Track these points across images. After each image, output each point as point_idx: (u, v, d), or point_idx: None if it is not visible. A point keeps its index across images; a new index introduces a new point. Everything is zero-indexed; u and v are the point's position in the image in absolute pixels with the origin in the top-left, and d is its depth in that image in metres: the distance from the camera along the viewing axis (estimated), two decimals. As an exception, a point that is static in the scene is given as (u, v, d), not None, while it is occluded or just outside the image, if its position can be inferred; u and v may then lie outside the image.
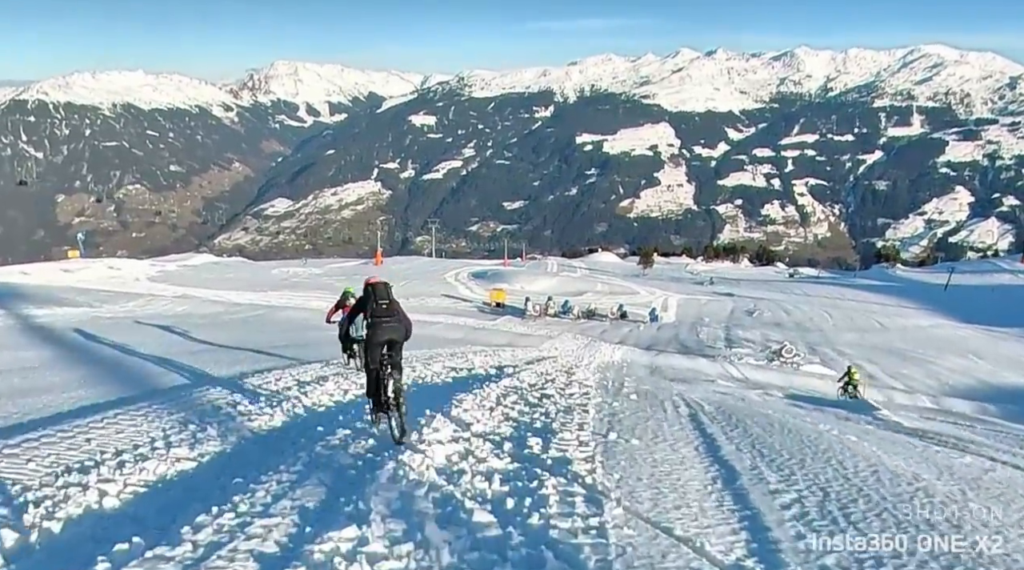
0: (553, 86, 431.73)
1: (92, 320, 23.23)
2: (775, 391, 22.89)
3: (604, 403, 11.55)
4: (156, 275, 59.91)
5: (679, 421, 10.68)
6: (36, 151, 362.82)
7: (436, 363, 16.48)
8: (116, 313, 28.26)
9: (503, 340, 33.21)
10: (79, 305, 29.61)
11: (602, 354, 30.91)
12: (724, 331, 43.71)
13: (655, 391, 15.05)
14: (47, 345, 17.44)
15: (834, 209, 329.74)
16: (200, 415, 8.97)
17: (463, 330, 36.26)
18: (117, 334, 19.26)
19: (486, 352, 22.52)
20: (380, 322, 8.08)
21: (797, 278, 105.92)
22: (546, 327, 42.81)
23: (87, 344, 17.65)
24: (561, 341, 35.28)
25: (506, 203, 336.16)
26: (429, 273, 72.05)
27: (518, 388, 12.57)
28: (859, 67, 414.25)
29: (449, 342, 27.21)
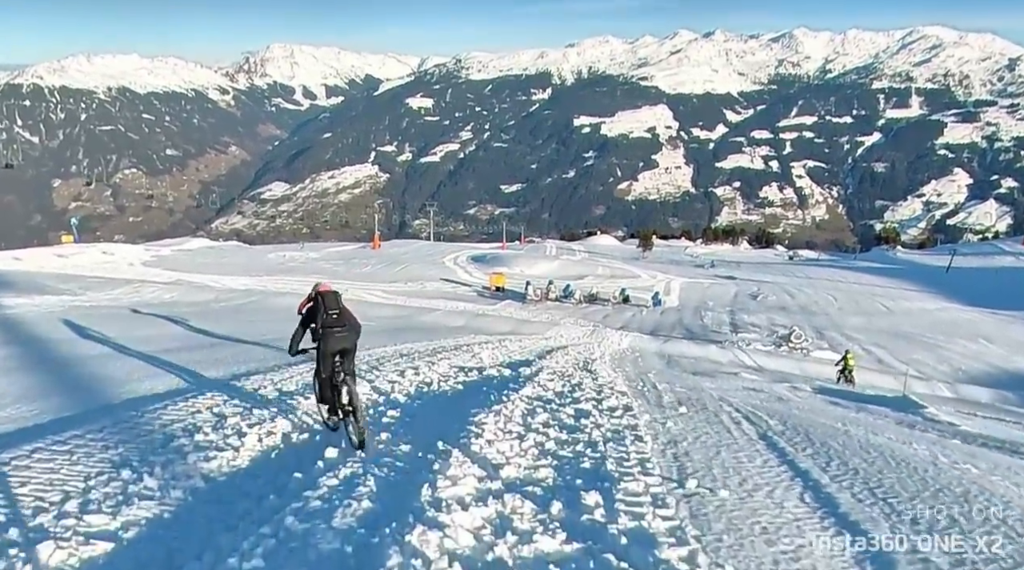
0: (551, 68, 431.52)
1: (69, 310, 21.41)
2: (800, 383, 22.25)
3: (655, 422, 9.85)
4: (150, 260, 58.71)
5: (753, 446, 8.85)
6: (32, 136, 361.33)
7: (441, 360, 15.18)
8: (99, 302, 26.66)
9: (506, 327, 32.55)
10: (60, 293, 27.83)
11: (609, 341, 30.16)
12: (729, 315, 43.06)
13: (693, 394, 13.81)
14: (2, 343, 14.78)
15: (832, 191, 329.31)
16: (144, 450, 6.93)
17: (464, 316, 35.70)
18: (92, 327, 17.43)
19: (492, 343, 21.56)
20: (332, 332, 7.94)
21: (797, 261, 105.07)
22: (547, 312, 42.29)
23: (50, 340, 15.31)
24: (565, 328, 34.65)
25: (504, 186, 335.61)
26: (427, 257, 70.76)
27: (544, 399, 10.78)
28: (858, 48, 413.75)
29: (451, 331, 26.57)
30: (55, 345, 14.65)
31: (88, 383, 10.64)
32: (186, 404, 8.91)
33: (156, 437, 7.44)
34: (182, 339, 16.79)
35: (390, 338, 19.68)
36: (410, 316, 33.17)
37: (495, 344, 21.45)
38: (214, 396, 9.52)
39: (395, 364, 13.75)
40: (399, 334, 21.93)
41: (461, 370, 14.04)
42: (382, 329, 24.21)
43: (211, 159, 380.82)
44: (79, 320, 18.54)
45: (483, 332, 27.85)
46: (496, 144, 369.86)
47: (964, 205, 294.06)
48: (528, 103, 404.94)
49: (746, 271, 74.31)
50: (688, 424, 9.96)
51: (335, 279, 49.80)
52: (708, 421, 10.40)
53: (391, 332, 22.81)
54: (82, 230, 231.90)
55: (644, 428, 9.22)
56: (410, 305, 38.85)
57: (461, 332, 26.27)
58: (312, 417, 8.73)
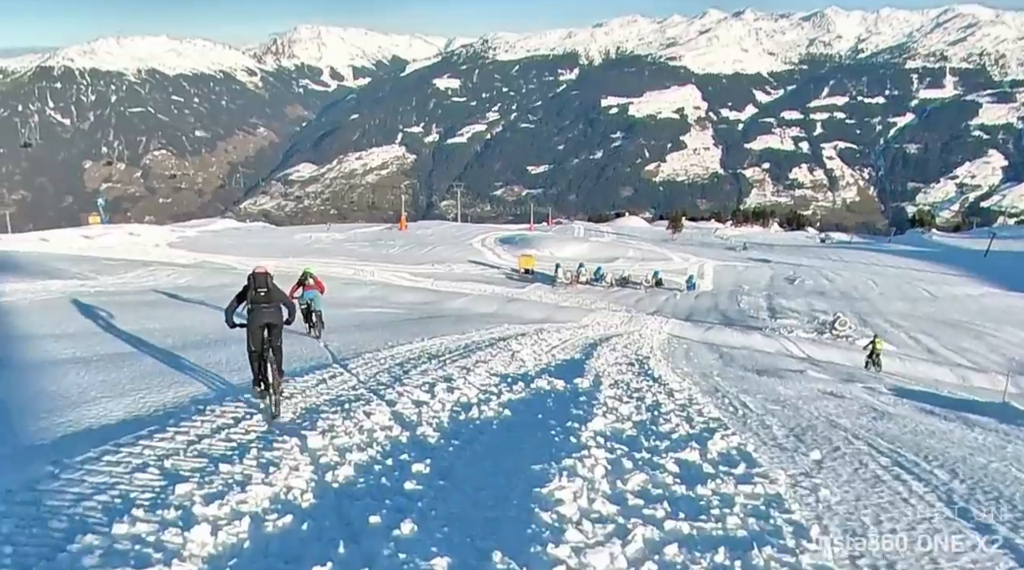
0: (578, 48, 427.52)
1: (66, 297, 19.54)
2: (871, 381, 20.25)
3: (797, 487, 6.84)
4: (176, 241, 59.02)
5: (953, 525, 6.13)
6: (63, 118, 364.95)
7: (477, 364, 13.35)
8: (106, 287, 24.60)
9: (539, 314, 31.66)
10: (69, 277, 26.06)
11: (649, 329, 29.10)
12: (766, 300, 41.86)
13: (791, 412, 11.75)
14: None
15: (863, 173, 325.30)
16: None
17: (494, 302, 34.54)
18: (81, 318, 15.90)
19: (528, 336, 20.23)
20: (258, 308, 8.94)
21: (829, 243, 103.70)
22: (578, 296, 41.37)
23: (19, 337, 13.06)
24: (601, 314, 33.43)
25: (530, 167, 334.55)
26: (455, 238, 69.44)
27: (625, 438, 8.19)
28: (891, 28, 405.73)
29: (482, 319, 25.58)
30: (20, 345, 12.28)
31: (24, 407, 8.15)
32: (130, 452, 6.59)
33: (57, 526, 4.94)
34: (178, 334, 14.42)
35: (418, 329, 18.99)
36: (438, 301, 32.29)
37: (532, 337, 20.20)
38: (178, 435, 7.29)
39: (422, 371, 12.05)
40: (427, 324, 21.13)
41: (503, 380, 11.85)
42: (409, 317, 23.51)
43: (239, 140, 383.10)
44: (71, 309, 17.16)
45: (515, 320, 27.07)
46: (523, 125, 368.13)
47: (999, 187, 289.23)
48: (555, 84, 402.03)
49: (779, 254, 73.07)
50: (845, 490, 7.05)
51: (361, 261, 49.09)
52: (864, 479, 7.54)
53: (418, 321, 22.10)
54: (112, 211, 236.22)
55: (795, 504, 6.20)
56: (438, 289, 37.88)
57: (492, 320, 25.34)
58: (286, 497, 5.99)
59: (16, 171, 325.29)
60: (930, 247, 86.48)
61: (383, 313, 23.69)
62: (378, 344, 15.08)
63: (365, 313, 22.93)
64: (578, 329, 25.81)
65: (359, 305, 25.81)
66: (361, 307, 25.08)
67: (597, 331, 26.41)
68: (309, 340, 15.11)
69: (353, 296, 29.76)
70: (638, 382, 13.25)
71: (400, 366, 12.61)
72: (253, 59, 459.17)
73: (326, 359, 12.96)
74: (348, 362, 12.60)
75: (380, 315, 22.88)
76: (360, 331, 17.74)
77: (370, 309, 24.57)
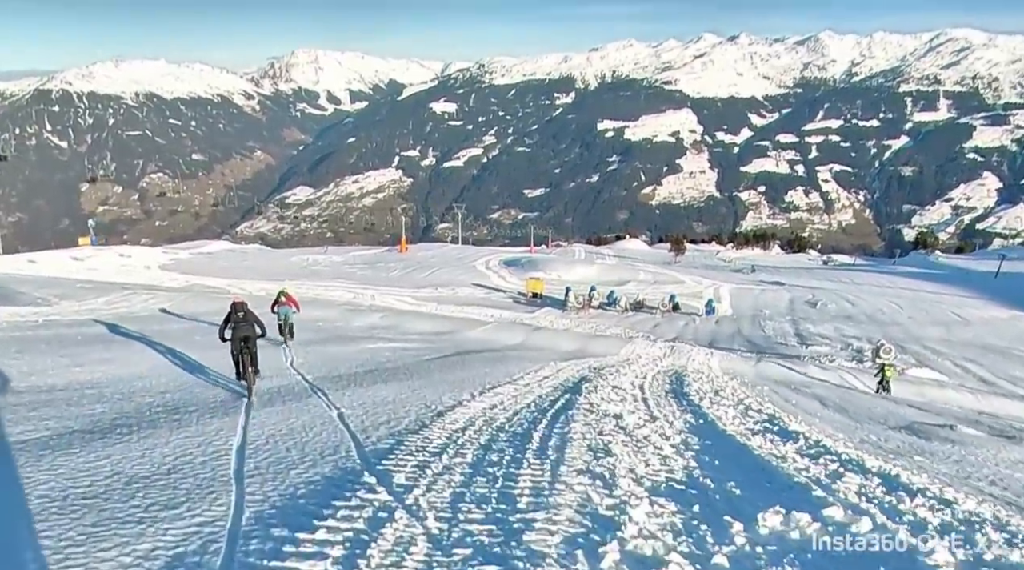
0: (574, 72, 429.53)
1: (10, 328, 17.47)
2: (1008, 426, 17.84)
3: None
4: (168, 263, 56.53)
5: None
6: (60, 141, 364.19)
7: (597, 459, 9.16)
8: (62, 315, 21.72)
9: (571, 344, 28.82)
10: (25, 303, 23.74)
11: (697, 362, 26.13)
12: (791, 325, 40.56)
13: None
14: None
15: (859, 195, 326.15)
16: None
17: (519, 331, 31.23)
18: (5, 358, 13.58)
19: (594, 380, 17.12)
20: (239, 325, 12.71)
21: (831, 265, 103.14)
22: (591, 321, 39.24)
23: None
24: (638, 344, 30.43)
25: (527, 190, 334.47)
26: (457, 261, 67.09)
27: None
28: (884, 51, 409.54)
29: (514, 354, 22.40)
30: None
31: None
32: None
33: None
34: (110, 395, 11.37)
35: (452, 376, 15.74)
36: (455, 331, 28.95)
37: (593, 384, 16.63)
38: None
39: (535, 501, 7.18)
40: (459, 367, 17.79)
41: (681, 506, 7.32)
42: (431, 354, 20.10)
43: (236, 164, 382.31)
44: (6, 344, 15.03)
45: (549, 351, 24.68)
46: (519, 148, 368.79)
47: (994, 209, 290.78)
48: (551, 107, 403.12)
49: (787, 276, 71.91)
50: None
51: (361, 284, 46.98)
52: None
53: (446, 362, 18.62)
54: (109, 234, 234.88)
55: None
56: (450, 315, 35.42)
57: (523, 358, 21.81)
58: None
59: (12, 193, 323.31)
60: (937, 269, 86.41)
61: (397, 349, 20.63)
62: (413, 409, 11.51)
63: (378, 350, 19.78)
64: (630, 367, 22.82)
65: (367, 337, 23.24)
66: (370, 340, 22.36)
67: (648, 365, 23.62)
68: (318, 428, 9.95)
69: (359, 325, 27.30)
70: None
71: (471, 475, 7.99)
72: (251, 83, 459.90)
73: (349, 457, 8.46)
74: (390, 472, 7.81)
75: (395, 352, 19.78)
76: (379, 382, 14.28)
77: (382, 343, 21.63)
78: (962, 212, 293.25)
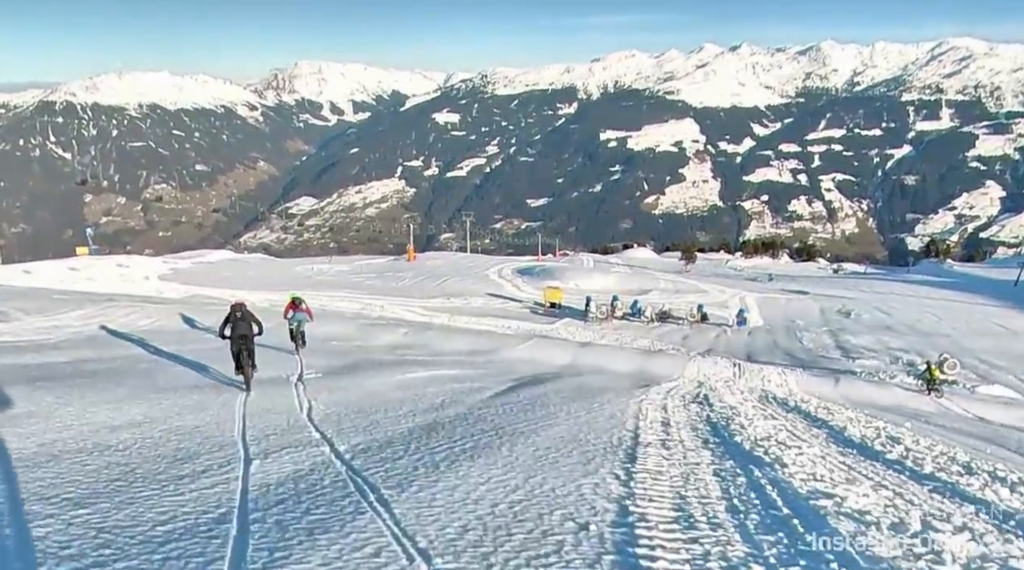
0: (576, 83, 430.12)
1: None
2: None
3: None
4: (167, 273, 55.67)
5: None
6: (64, 152, 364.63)
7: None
8: (17, 334, 19.87)
9: (628, 364, 25.93)
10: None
11: (773, 384, 23.31)
12: (830, 337, 38.14)
13: None
14: None
15: (862, 204, 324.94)
16: None
17: (564, 349, 27.81)
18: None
19: (717, 434, 12.86)
20: (237, 324, 14.11)
21: (842, 274, 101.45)
22: (615, 332, 37.01)
23: None
24: (705, 364, 26.78)
25: (530, 200, 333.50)
26: (468, 269, 64.77)
27: None
28: (886, 61, 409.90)
29: (587, 390, 17.47)
30: None
31: None
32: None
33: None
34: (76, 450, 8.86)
35: (534, 433, 11.50)
36: (492, 351, 25.61)
37: (741, 435, 12.74)
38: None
39: None
40: (536, 417, 13.00)
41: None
42: (486, 390, 16.00)
43: (240, 174, 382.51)
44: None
45: (610, 374, 22.02)
46: (522, 158, 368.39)
47: (997, 218, 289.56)
48: (554, 117, 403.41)
49: (805, 285, 69.13)
50: None
51: (369, 294, 45.69)
52: None
53: (514, 406, 14.05)
54: (112, 244, 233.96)
55: None
56: (472, 327, 33.59)
57: (590, 382, 19.17)
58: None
59: (16, 204, 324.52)
60: (952, 277, 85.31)
61: (441, 380, 17.01)
62: (568, 540, 6.58)
63: (417, 383, 16.09)
64: (720, 392, 19.98)
65: (397, 362, 20.03)
66: (402, 366, 19.06)
67: (724, 393, 20.04)
68: None
69: (381, 344, 24.54)
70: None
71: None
72: (254, 94, 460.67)
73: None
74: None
75: (443, 386, 15.98)
76: (455, 455, 9.57)
77: (420, 370, 18.28)
78: (965, 221, 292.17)
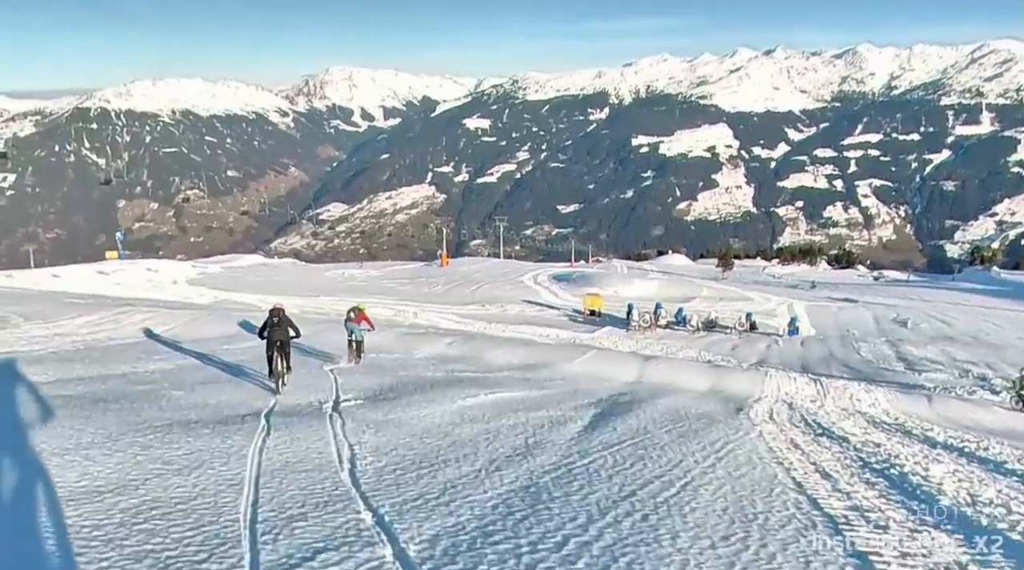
0: (608, 88, 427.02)
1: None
2: None
3: None
4: (196, 278, 55.27)
5: None
6: (98, 158, 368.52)
7: None
8: (8, 344, 18.57)
9: (702, 380, 22.07)
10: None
11: (862, 403, 20.20)
12: (889, 347, 35.70)
13: None
14: None
15: (899, 211, 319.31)
16: None
17: (628, 362, 24.14)
18: None
19: None
20: (273, 329, 14.35)
21: (883, 281, 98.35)
22: (659, 342, 34.47)
23: None
24: (783, 380, 22.90)
25: (560, 206, 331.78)
26: (503, 276, 63.33)
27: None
28: (925, 64, 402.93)
29: (692, 425, 14.69)
30: None
31: None
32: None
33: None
34: None
35: (634, 479, 10.11)
36: (549, 365, 22.53)
37: None
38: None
39: None
40: (622, 463, 11.03)
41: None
42: (572, 424, 13.77)
43: (271, 181, 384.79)
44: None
45: (688, 392, 19.57)
46: (553, 164, 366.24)
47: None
48: (585, 123, 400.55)
49: (851, 292, 66.46)
50: None
51: (401, 300, 44.48)
52: None
53: (617, 453, 11.65)
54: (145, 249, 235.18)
55: None
56: (521, 336, 31.69)
57: (685, 407, 16.77)
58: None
59: (51, 210, 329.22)
60: (1002, 285, 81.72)
61: (505, 404, 14.99)
62: None
63: (482, 415, 13.81)
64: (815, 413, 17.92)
65: (447, 381, 17.53)
66: (455, 387, 16.54)
67: (840, 420, 17.47)
68: None
69: (424, 357, 22.03)
70: None
71: None
72: (285, 100, 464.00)
73: None
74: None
75: (512, 412, 14.22)
76: (552, 520, 8.22)
77: (479, 393, 15.85)
78: (1007, 227, 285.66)
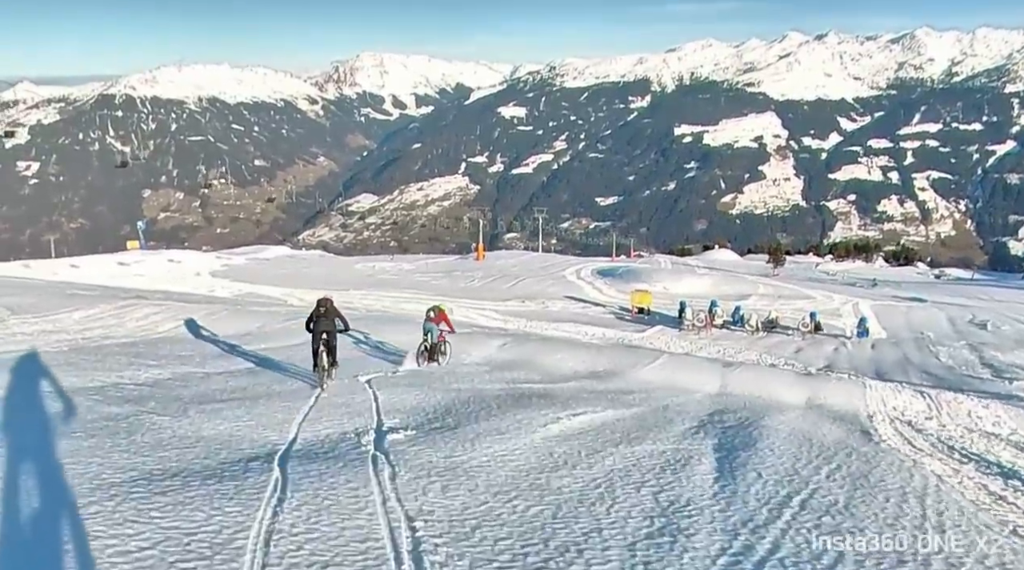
0: (650, 74, 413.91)
1: None
2: None
3: None
4: (220, 269, 54.76)
5: None
6: (123, 146, 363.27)
7: None
8: (4, 339, 16.62)
9: (797, 392, 19.26)
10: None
11: (988, 422, 16.66)
12: (971, 352, 32.13)
13: None
14: None
15: (959, 205, 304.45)
16: None
17: (709, 370, 21.44)
18: None
19: None
20: (319, 320, 14.06)
21: (944, 280, 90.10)
22: (715, 343, 31.57)
23: None
24: (889, 393, 19.62)
25: (599, 198, 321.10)
26: (542, 270, 60.33)
27: None
28: (988, 49, 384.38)
29: (808, 451, 12.14)
30: None
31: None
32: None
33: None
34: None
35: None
36: (618, 373, 19.58)
37: None
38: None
39: None
40: (811, 545, 7.51)
41: None
42: (692, 472, 10.12)
43: (299, 170, 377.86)
44: None
45: (789, 410, 16.49)
46: (592, 154, 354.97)
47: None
48: (626, 111, 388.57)
49: (913, 290, 61.77)
50: None
51: (437, 294, 41.54)
52: None
53: (739, 503, 8.81)
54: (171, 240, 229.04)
55: None
56: (578, 337, 28.98)
57: (785, 425, 14.20)
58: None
59: (76, 199, 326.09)
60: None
61: (596, 432, 11.87)
62: None
63: (569, 445, 10.79)
64: None
65: (510, 391, 15.00)
66: (528, 408, 13.28)
67: (976, 441, 14.93)
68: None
69: (476, 360, 19.55)
70: None
71: None
72: (315, 87, 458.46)
73: None
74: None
75: (612, 445, 11.08)
76: None
77: (559, 416, 12.77)
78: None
